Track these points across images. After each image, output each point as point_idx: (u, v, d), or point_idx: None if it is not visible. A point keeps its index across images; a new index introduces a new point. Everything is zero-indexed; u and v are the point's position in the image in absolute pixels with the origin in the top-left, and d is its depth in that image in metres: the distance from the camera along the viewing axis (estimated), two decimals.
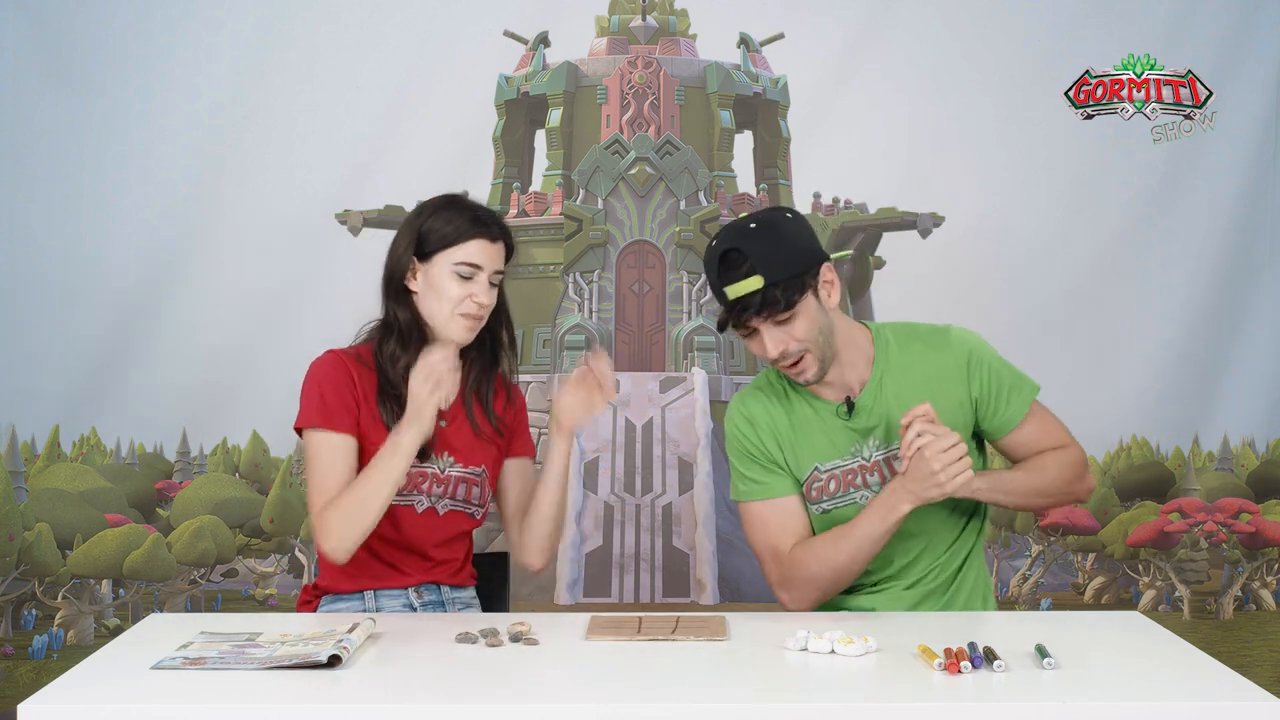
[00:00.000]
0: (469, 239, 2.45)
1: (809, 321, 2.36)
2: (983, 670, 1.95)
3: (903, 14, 4.26)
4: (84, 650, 3.66)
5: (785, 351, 2.36)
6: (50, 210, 4.15)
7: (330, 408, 2.43)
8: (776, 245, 2.35)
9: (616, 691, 1.94)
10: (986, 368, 2.48)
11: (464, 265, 2.44)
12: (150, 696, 1.89)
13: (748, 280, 2.32)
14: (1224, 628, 4.33)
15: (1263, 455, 4.37)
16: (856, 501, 2.46)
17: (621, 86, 4.53)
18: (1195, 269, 4.29)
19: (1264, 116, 4.26)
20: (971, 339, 2.52)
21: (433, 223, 2.47)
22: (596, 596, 4.27)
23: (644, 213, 4.52)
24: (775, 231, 2.37)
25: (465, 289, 2.45)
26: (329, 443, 2.43)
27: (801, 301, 2.35)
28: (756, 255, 2.32)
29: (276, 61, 4.20)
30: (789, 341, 2.36)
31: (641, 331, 4.52)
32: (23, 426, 4.18)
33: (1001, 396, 2.48)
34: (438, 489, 2.50)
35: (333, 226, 4.21)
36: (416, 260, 2.47)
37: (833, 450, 2.47)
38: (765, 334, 2.36)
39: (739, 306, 2.34)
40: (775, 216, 2.41)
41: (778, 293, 2.32)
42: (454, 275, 2.44)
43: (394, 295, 2.50)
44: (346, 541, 2.37)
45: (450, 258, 2.45)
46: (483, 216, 2.49)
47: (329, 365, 2.48)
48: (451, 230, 2.45)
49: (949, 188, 4.28)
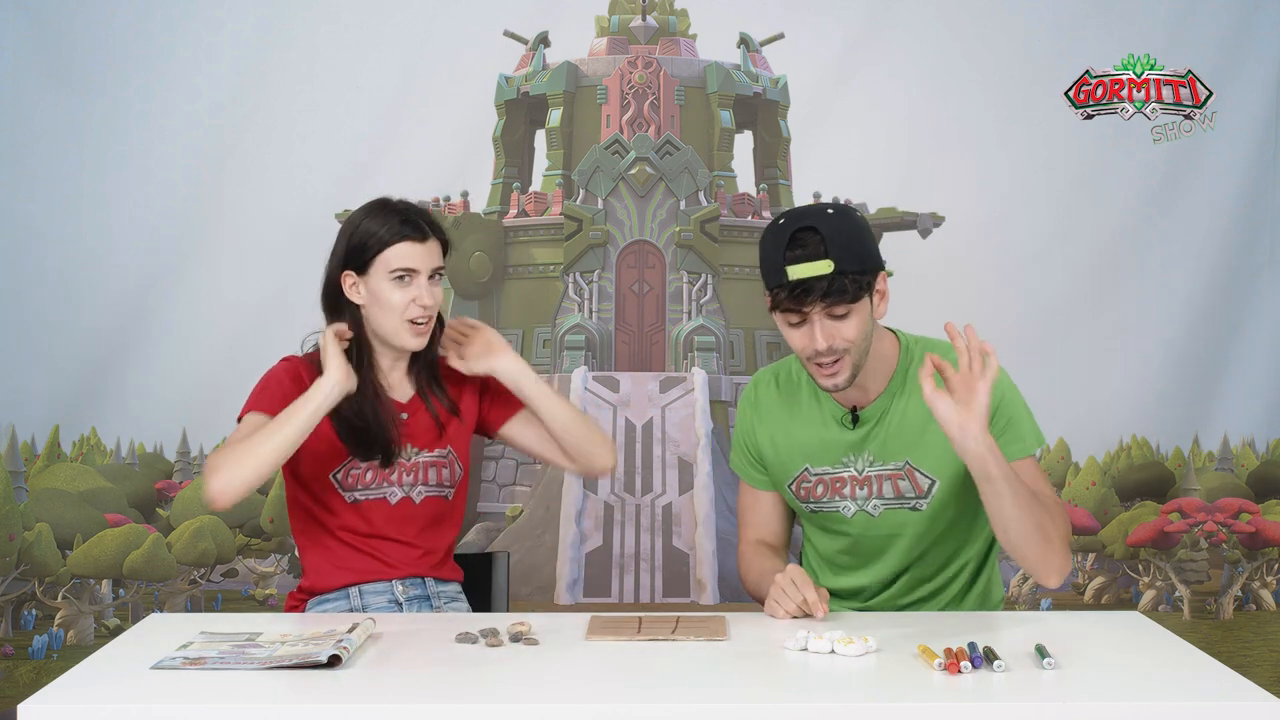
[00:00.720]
0: (399, 241, 2.43)
1: (861, 324, 2.29)
2: (983, 670, 1.95)
3: (903, 14, 4.27)
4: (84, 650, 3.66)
5: (832, 347, 2.28)
6: (50, 210, 4.15)
7: (263, 397, 2.44)
8: (853, 236, 2.27)
9: (616, 691, 1.94)
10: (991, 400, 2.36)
11: (399, 270, 2.42)
12: (150, 696, 1.89)
13: (818, 262, 2.22)
14: (1224, 628, 4.33)
15: (1263, 455, 4.37)
16: (839, 510, 2.45)
17: (621, 86, 4.54)
18: (1195, 269, 4.29)
19: (1264, 116, 4.26)
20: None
21: (361, 233, 2.45)
22: (596, 596, 4.27)
23: (644, 213, 4.52)
24: (851, 221, 2.29)
25: (407, 294, 2.43)
26: (249, 421, 2.42)
27: (862, 300, 2.29)
28: (832, 239, 2.23)
29: (276, 61, 4.20)
30: (837, 338, 2.28)
31: (641, 331, 4.52)
32: (23, 426, 4.18)
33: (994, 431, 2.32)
34: (408, 477, 2.51)
35: (333, 226, 4.15)
36: (354, 273, 2.46)
37: (825, 456, 2.45)
38: (818, 324, 2.27)
39: (802, 288, 2.24)
40: (850, 211, 2.35)
41: (846, 281, 2.24)
42: (392, 282, 2.43)
43: (333, 313, 2.50)
44: (233, 481, 2.31)
45: (386, 264, 2.43)
46: (410, 216, 2.45)
47: (278, 368, 2.50)
48: (381, 236, 2.43)
49: (949, 188, 4.28)
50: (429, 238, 2.45)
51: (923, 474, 2.40)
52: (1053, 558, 2.26)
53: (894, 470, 2.41)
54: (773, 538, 2.57)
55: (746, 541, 2.56)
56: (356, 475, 2.49)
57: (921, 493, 2.40)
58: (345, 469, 2.49)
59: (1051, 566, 2.27)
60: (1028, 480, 2.30)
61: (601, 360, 4.47)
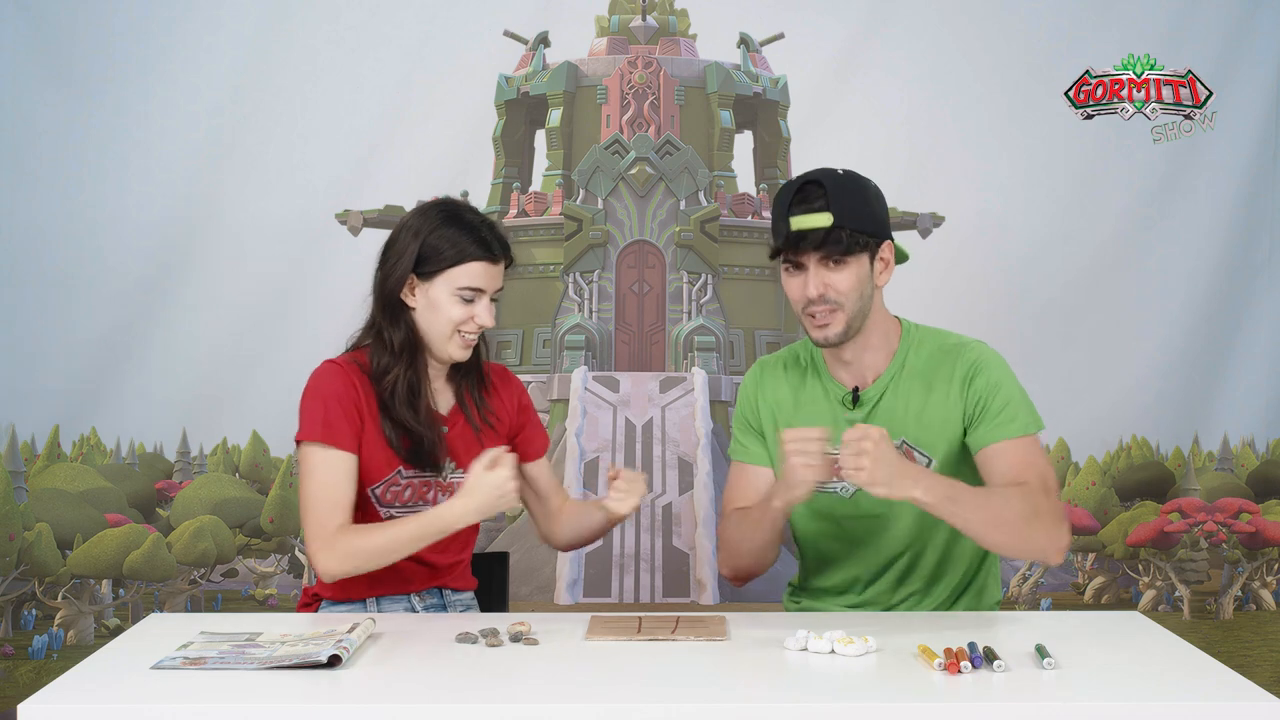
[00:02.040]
0: (472, 261, 2.42)
1: (856, 279, 2.38)
2: (983, 670, 1.95)
3: (903, 14, 4.26)
4: (84, 650, 3.66)
5: (824, 296, 2.37)
6: (50, 210, 4.14)
7: (333, 423, 2.40)
8: (858, 197, 2.40)
9: (616, 691, 1.94)
10: (985, 381, 2.42)
11: (467, 289, 2.41)
12: (150, 696, 1.89)
13: (818, 215, 2.35)
14: (1224, 628, 4.33)
15: (1263, 455, 4.37)
16: (836, 492, 2.47)
17: (621, 86, 4.54)
18: (1195, 269, 4.29)
19: (1264, 116, 4.26)
20: (984, 356, 2.46)
21: (434, 241, 2.42)
22: (596, 596, 4.27)
23: (644, 213, 4.52)
24: (860, 187, 2.42)
25: (467, 311, 2.42)
26: (330, 460, 2.39)
27: (858, 255, 2.38)
28: (835, 196, 2.36)
29: (276, 61, 4.20)
30: (830, 288, 2.37)
31: (641, 331, 4.52)
32: (23, 426, 4.18)
33: (987, 413, 2.40)
34: (444, 497, 2.48)
35: (333, 226, 4.22)
36: (415, 277, 2.43)
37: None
38: (812, 271, 2.37)
39: (800, 236, 2.36)
40: (861, 177, 2.45)
41: (843, 234, 2.35)
42: (456, 298, 2.41)
43: (389, 312, 2.46)
44: (352, 573, 2.39)
45: (453, 280, 2.42)
46: (485, 236, 2.43)
47: (332, 377, 2.44)
48: (454, 253, 2.41)
49: (949, 188, 4.28)
50: (500, 260, 2.45)
51: (920, 452, 2.44)
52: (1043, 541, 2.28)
53: None
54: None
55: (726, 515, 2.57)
56: (396, 492, 2.47)
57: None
58: (386, 485, 2.46)
59: (1047, 549, 2.30)
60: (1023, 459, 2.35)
61: (601, 360, 4.47)
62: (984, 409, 2.41)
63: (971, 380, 2.43)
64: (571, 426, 4.39)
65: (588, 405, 4.42)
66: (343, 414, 2.41)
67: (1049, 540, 2.29)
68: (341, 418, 2.40)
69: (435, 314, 2.42)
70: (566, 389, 4.42)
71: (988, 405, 2.40)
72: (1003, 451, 2.38)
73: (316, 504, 2.38)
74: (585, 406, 4.41)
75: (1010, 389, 2.43)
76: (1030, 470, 2.35)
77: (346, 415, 2.41)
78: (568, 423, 4.40)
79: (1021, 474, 2.34)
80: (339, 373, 2.44)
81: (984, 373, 2.43)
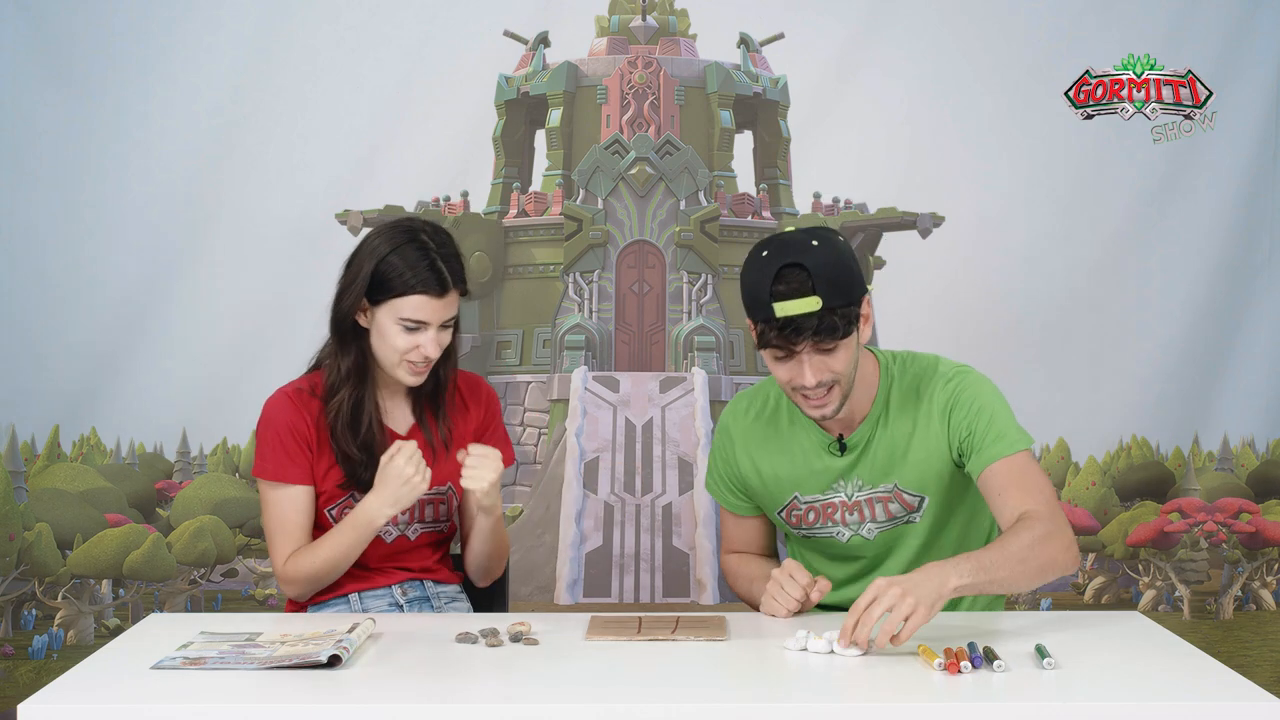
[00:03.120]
0: (415, 294, 2.34)
1: (849, 354, 2.26)
2: (983, 670, 1.95)
3: (903, 14, 4.26)
4: (84, 650, 3.66)
5: (821, 382, 2.25)
6: (50, 210, 4.15)
7: (281, 461, 2.42)
8: (838, 268, 2.21)
9: (616, 691, 1.94)
10: (965, 411, 2.35)
11: (409, 321, 2.35)
12: (150, 696, 1.89)
13: (806, 300, 2.18)
14: (1224, 628, 4.33)
15: (1263, 455, 4.37)
16: (834, 536, 2.44)
17: (621, 86, 4.54)
18: (1195, 269, 4.29)
19: (1264, 116, 4.26)
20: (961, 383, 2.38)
21: (383, 269, 2.35)
22: (596, 596, 4.27)
23: (644, 213, 4.52)
24: (836, 253, 2.23)
25: (411, 340, 2.37)
26: (283, 496, 2.43)
27: (851, 334, 2.25)
28: (819, 275, 2.18)
29: (276, 61, 4.20)
30: (826, 372, 2.24)
31: (641, 331, 4.52)
32: (23, 426, 4.18)
33: (975, 438, 2.33)
34: (403, 516, 2.47)
35: (333, 226, 4.21)
36: (365, 300, 2.38)
37: (814, 484, 2.43)
38: (807, 360, 2.23)
39: (791, 327, 2.19)
40: (833, 238, 2.26)
41: (836, 319, 2.20)
42: (399, 327, 2.36)
43: (340, 334, 2.43)
44: (314, 590, 2.46)
45: (396, 310, 2.35)
46: (438, 267, 2.35)
47: (281, 409, 2.44)
48: (399, 283, 2.34)
49: (949, 188, 4.28)
50: (448, 292, 2.36)
51: (910, 494, 2.40)
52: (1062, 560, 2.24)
53: (883, 493, 2.41)
54: (758, 550, 2.59)
55: (728, 552, 2.59)
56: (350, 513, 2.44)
57: (913, 509, 2.41)
58: (341, 507, 2.46)
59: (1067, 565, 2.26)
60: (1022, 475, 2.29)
61: (601, 360, 4.47)
62: (972, 435, 2.33)
63: (951, 412, 2.35)
64: (571, 426, 4.39)
65: (588, 405, 4.42)
66: (295, 446, 2.42)
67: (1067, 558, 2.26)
68: (293, 451, 2.42)
69: (383, 341, 2.38)
70: (566, 389, 4.42)
71: (974, 430, 2.33)
72: (998, 472, 2.31)
73: (272, 538, 2.47)
74: (585, 406, 4.41)
75: (993, 408, 2.35)
76: (1032, 488, 2.30)
77: (296, 447, 2.42)
78: (568, 423, 4.40)
79: (1024, 493, 2.29)
80: (287, 404, 2.44)
81: (963, 401, 2.35)
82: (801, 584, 2.28)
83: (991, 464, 2.31)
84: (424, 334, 2.36)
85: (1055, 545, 2.23)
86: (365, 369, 2.43)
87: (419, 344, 2.37)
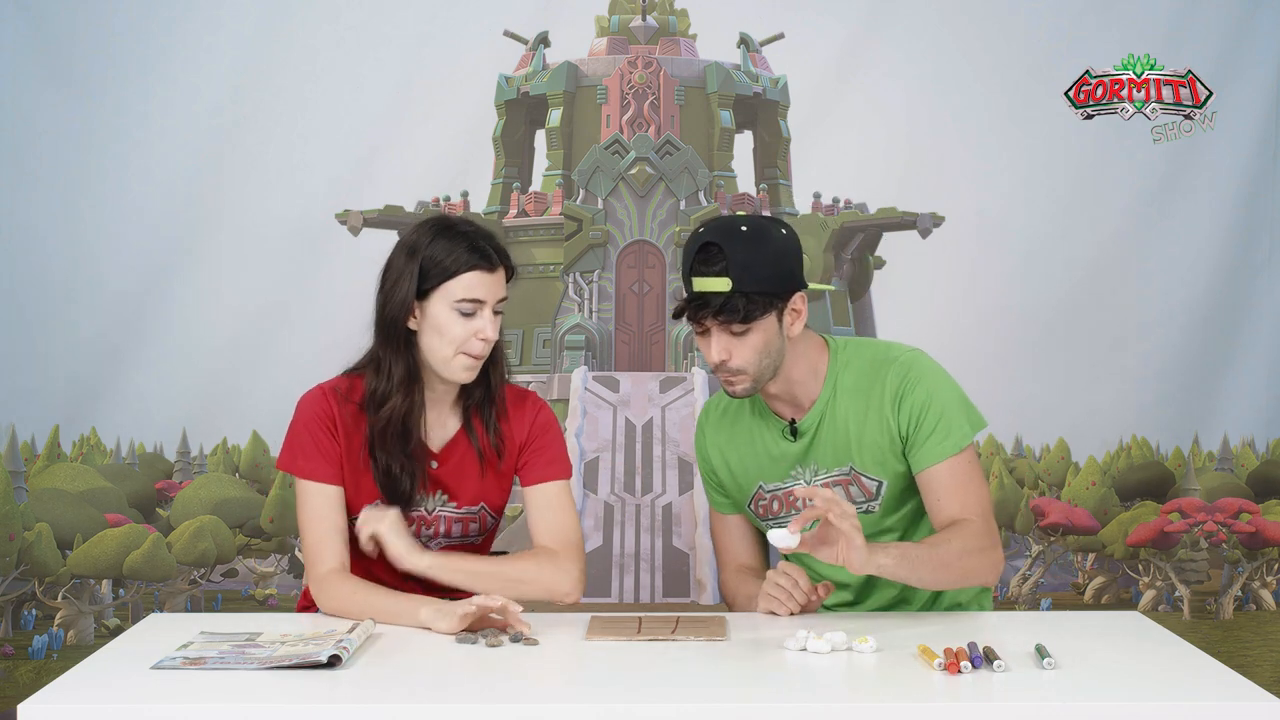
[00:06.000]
0: (467, 271, 2.29)
1: (761, 342, 2.30)
2: (983, 670, 1.95)
3: (903, 14, 4.26)
4: (84, 650, 3.66)
5: (725, 363, 2.31)
6: (50, 210, 4.15)
7: (310, 458, 2.34)
8: (758, 257, 2.27)
9: (616, 691, 1.94)
10: (915, 400, 2.36)
11: (465, 302, 2.29)
12: (150, 696, 1.89)
13: (716, 279, 2.25)
14: (1224, 628, 4.33)
15: (1263, 455, 4.37)
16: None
17: (621, 86, 4.54)
18: (1195, 269, 4.29)
19: (1264, 116, 4.26)
20: (913, 371, 2.38)
21: (430, 254, 2.29)
22: (596, 596, 4.27)
23: (644, 213, 4.52)
24: (762, 242, 2.28)
25: (469, 327, 2.29)
26: (314, 493, 2.34)
27: (761, 320, 2.28)
28: (734, 259, 2.25)
29: (276, 61, 4.20)
30: (734, 355, 2.30)
31: (641, 331, 4.52)
32: (23, 426, 4.18)
33: (920, 433, 2.35)
34: (427, 531, 2.40)
35: (333, 227, 4.22)
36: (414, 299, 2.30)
37: (774, 472, 2.45)
38: (715, 337, 2.30)
39: (699, 301, 2.27)
40: (768, 227, 2.32)
41: (740, 303, 2.25)
42: (455, 312, 2.29)
43: (391, 341, 2.34)
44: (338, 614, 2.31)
45: (449, 294, 2.28)
46: (478, 243, 2.31)
47: (312, 407, 2.36)
48: (449, 262, 2.28)
49: (949, 188, 4.28)
50: (498, 267, 2.33)
51: (868, 477, 2.41)
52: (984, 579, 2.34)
53: (840, 476, 2.41)
54: (751, 560, 2.59)
55: (727, 569, 2.60)
56: None
57: (870, 495, 2.42)
58: None
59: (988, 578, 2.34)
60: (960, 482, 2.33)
61: (601, 360, 4.47)
62: (918, 428, 2.35)
63: (901, 400, 2.36)
64: (571, 426, 4.39)
65: (588, 405, 4.42)
66: (319, 447, 2.34)
67: (990, 574, 2.33)
68: (319, 450, 2.34)
69: (438, 334, 2.29)
70: (566, 389, 4.43)
71: (921, 424, 2.35)
72: (939, 475, 2.34)
73: (306, 537, 2.37)
74: (585, 406, 4.41)
75: (943, 399, 2.36)
76: (970, 495, 2.33)
77: (324, 448, 2.34)
78: (568, 423, 4.40)
79: (961, 500, 2.33)
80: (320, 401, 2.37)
81: (913, 390, 2.36)
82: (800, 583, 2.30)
83: (933, 465, 2.34)
84: (480, 317, 2.30)
85: (983, 560, 2.30)
86: (417, 376, 2.35)
87: (477, 329, 2.29)
